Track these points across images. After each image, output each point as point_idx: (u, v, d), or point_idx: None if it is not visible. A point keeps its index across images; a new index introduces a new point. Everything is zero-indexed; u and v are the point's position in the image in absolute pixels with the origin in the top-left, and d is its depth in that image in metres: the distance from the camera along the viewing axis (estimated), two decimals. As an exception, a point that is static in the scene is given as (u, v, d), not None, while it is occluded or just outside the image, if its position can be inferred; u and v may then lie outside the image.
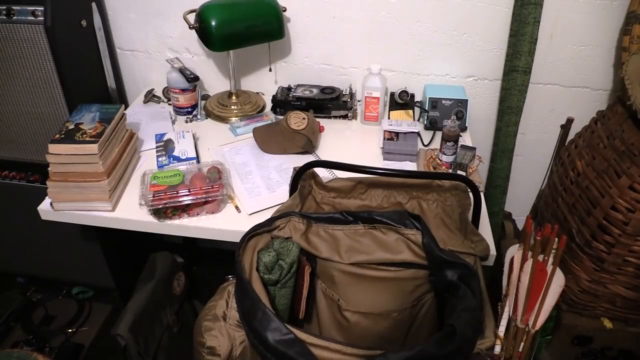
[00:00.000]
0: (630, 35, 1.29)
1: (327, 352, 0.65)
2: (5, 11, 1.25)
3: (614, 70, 1.43)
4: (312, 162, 0.93)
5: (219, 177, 1.11)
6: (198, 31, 1.32)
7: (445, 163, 1.21)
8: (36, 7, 1.24)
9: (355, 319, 0.96)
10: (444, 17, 1.42)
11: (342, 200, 0.99)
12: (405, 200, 0.98)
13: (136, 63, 1.64)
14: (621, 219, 1.09)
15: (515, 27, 1.36)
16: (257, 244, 0.84)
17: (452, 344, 0.65)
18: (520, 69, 1.38)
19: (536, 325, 0.86)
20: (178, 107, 1.47)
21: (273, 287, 0.86)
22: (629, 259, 1.13)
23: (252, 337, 0.70)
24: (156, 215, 1.08)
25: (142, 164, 1.26)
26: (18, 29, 1.26)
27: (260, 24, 1.36)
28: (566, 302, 1.29)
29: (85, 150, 1.04)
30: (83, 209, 1.10)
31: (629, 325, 1.27)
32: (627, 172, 1.08)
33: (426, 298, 0.95)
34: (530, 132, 1.59)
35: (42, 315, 1.77)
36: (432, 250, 0.86)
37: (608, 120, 1.23)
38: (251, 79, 1.62)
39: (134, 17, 1.55)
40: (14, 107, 1.39)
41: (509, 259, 0.87)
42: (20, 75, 1.33)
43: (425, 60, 1.50)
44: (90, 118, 1.13)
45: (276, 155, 1.29)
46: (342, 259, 0.93)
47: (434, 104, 1.41)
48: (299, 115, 1.30)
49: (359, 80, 1.54)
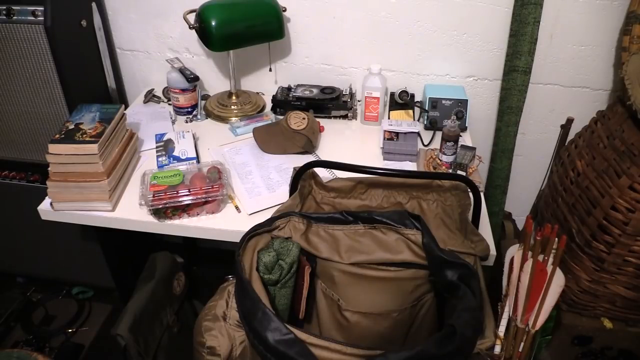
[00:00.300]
0: (630, 35, 1.29)
1: (327, 352, 0.65)
2: (5, 11, 1.25)
3: (614, 70, 1.43)
4: (312, 162, 0.93)
5: (219, 177, 1.11)
6: (198, 31, 1.32)
7: (445, 163, 1.21)
8: (36, 7, 1.24)
9: (355, 319, 0.96)
10: (444, 17, 1.42)
11: (342, 200, 0.99)
12: (405, 200, 0.98)
13: (136, 63, 1.64)
14: (621, 219, 1.09)
15: (515, 27, 1.36)
16: (257, 244, 0.84)
17: (452, 344, 0.65)
18: (520, 69, 1.38)
19: (536, 325, 0.86)
20: (178, 107, 1.47)
21: (273, 287, 0.86)
22: (629, 259, 1.13)
23: (252, 337, 0.70)
24: (156, 215, 1.08)
25: (142, 164, 1.26)
26: (18, 29, 1.26)
27: (260, 24, 1.36)
28: (566, 302, 1.29)
29: (85, 150, 1.04)
30: (83, 209, 1.10)
31: (629, 325, 1.27)
32: (627, 172, 1.08)
33: (426, 298, 0.95)
34: (530, 132, 1.59)
35: (42, 316, 1.77)
36: (432, 250, 0.86)
37: (608, 120, 1.23)
38: (251, 79, 1.62)
39: (134, 17, 1.55)
40: (14, 107, 1.39)
41: (509, 259, 0.87)
42: (20, 75, 1.33)
43: (425, 60, 1.50)
44: (90, 118, 1.13)
45: (276, 155, 1.29)
46: (342, 259, 0.93)
47: (434, 104, 1.41)
48: (299, 115, 1.30)
49: (359, 80, 1.54)
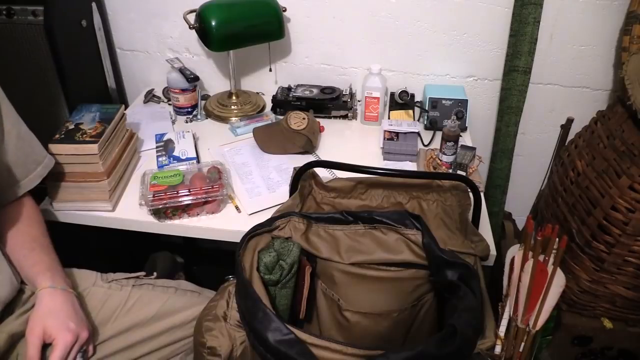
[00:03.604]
0: (630, 35, 1.29)
1: (327, 352, 0.65)
2: (5, 11, 1.25)
3: (614, 70, 1.43)
4: (312, 162, 0.93)
5: (219, 177, 1.11)
6: (198, 31, 1.32)
7: (446, 163, 1.21)
8: (36, 7, 1.24)
9: (356, 319, 0.96)
10: (444, 17, 1.42)
11: (342, 200, 0.99)
12: (405, 200, 0.98)
13: (136, 63, 1.64)
14: (621, 219, 1.09)
15: (515, 27, 1.36)
16: (257, 244, 0.84)
17: (452, 344, 0.65)
18: (520, 69, 1.38)
19: (537, 326, 0.86)
20: (178, 107, 1.47)
21: (273, 288, 0.86)
22: (629, 259, 1.13)
23: (252, 337, 0.70)
24: (156, 215, 1.08)
25: (142, 164, 1.25)
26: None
27: (260, 24, 1.36)
28: (566, 302, 1.29)
29: (85, 150, 1.04)
30: (83, 209, 1.10)
31: (629, 325, 1.27)
32: (627, 172, 1.08)
33: (426, 298, 0.95)
34: (530, 132, 1.59)
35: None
36: (432, 250, 0.86)
37: (608, 120, 1.23)
38: (251, 79, 1.62)
39: (134, 17, 1.54)
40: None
41: (509, 259, 0.87)
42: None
43: (425, 60, 1.50)
44: (90, 118, 1.13)
45: (276, 155, 1.29)
46: (342, 259, 0.93)
47: (434, 104, 1.41)
48: (299, 115, 1.30)
49: (359, 80, 1.54)
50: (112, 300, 0.97)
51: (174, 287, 1.04)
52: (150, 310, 0.97)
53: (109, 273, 1.02)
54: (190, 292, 1.05)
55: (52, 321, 0.82)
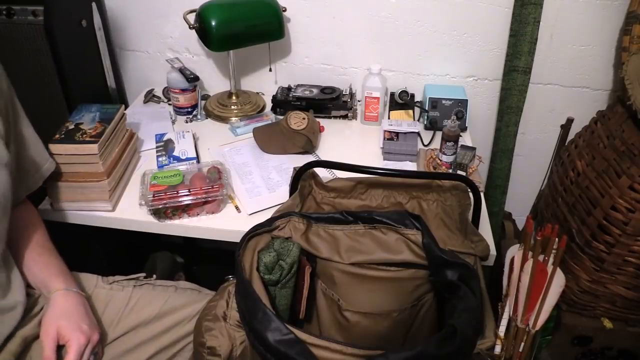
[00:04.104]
0: (630, 35, 1.29)
1: (327, 352, 0.65)
2: (5, 11, 1.25)
3: (614, 70, 1.43)
4: (312, 162, 0.93)
5: (219, 177, 1.11)
6: (198, 31, 1.32)
7: (445, 163, 1.21)
8: (36, 7, 1.24)
9: (356, 319, 0.96)
10: (444, 17, 1.42)
11: (342, 200, 0.99)
12: (405, 200, 0.98)
13: (136, 63, 1.64)
14: (621, 219, 1.09)
15: (515, 27, 1.36)
16: (257, 244, 0.84)
17: (452, 344, 0.65)
18: (520, 69, 1.38)
19: (536, 326, 0.85)
20: (178, 107, 1.47)
21: (273, 288, 0.86)
22: (629, 259, 1.13)
23: (252, 337, 0.70)
24: (156, 215, 1.08)
25: (142, 164, 1.26)
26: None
27: (260, 24, 1.36)
28: (566, 302, 1.29)
29: (85, 150, 1.04)
30: (83, 209, 1.10)
31: (629, 325, 1.27)
32: (627, 172, 1.08)
33: (426, 298, 0.95)
34: (530, 132, 1.59)
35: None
36: (432, 250, 0.86)
37: (608, 120, 1.23)
38: (251, 79, 1.62)
39: (134, 17, 1.55)
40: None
41: (509, 259, 0.87)
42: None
43: (425, 60, 1.50)
44: (90, 118, 1.13)
45: (276, 155, 1.29)
46: (342, 259, 0.93)
47: (434, 104, 1.41)
48: (299, 115, 1.30)
49: (359, 80, 1.54)
50: (115, 301, 0.97)
51: (173, 286, 1.04)
52: (153, 309, 0.97)
53: (109, 276, 1.02)
54: (190, 290, 1.05)
55: (65, 323, 0.83)
